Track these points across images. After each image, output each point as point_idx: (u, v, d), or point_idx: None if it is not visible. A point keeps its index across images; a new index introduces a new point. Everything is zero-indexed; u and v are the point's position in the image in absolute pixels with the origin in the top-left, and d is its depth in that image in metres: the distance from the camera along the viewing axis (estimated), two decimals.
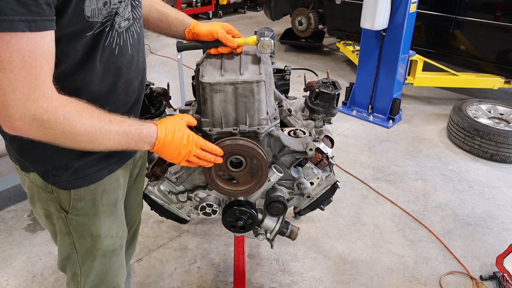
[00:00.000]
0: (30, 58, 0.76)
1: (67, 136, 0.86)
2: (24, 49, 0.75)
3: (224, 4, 8.12)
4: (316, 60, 5.55)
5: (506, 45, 3.76)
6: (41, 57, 0.78)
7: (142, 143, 0.99)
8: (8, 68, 0.75)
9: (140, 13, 1.07)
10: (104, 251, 1.18)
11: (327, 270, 2.17)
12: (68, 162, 1.01)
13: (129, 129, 0.95)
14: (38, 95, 0.79)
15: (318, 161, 1.37)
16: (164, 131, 1.02)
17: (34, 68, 0.77)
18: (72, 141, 0.88)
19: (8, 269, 2.15)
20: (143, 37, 1.13)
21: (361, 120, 3.86)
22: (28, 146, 0.99)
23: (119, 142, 0.94)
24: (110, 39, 0.95)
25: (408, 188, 2.86)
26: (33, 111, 0.79)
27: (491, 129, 3.09)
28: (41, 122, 0.81)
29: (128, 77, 1.05)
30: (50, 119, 0.82)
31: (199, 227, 2.47)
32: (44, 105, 0.80)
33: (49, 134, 0.84)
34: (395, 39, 3.50)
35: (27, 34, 0.74)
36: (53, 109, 0.82)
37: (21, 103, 0.78)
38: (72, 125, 0.85)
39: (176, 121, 1.07)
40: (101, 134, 0.90)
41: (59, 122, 0.83)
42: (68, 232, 1.13)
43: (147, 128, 1.00)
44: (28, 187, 1.11)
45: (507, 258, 1.99)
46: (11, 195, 2.71)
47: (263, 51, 1.18)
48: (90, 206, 1.10)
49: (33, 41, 0.76)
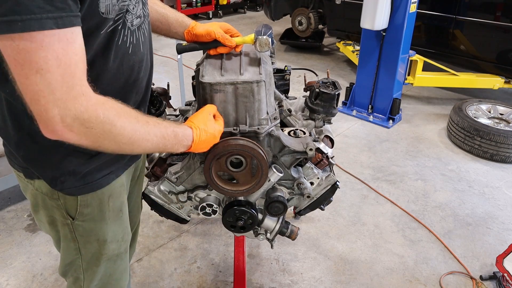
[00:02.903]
0: (64, 56, 0.74)
1: (108, 136, 0.83)
2: (57, 47, 0.72)
3: (224, 4, 8.12)
4: (316, 60, 5.55)
5: (506, 45, 3.76)
6: (74, 53, 0.76)
7: (178, 145, 0.99)
8: (45, 68, 0.72)
9: (148, 10, 1.06)
10: (109, 255, 1.17)
11: (327, 270, 2.17)
12: (76, 168, 1.00)
13: (165, 132, 0.94)
14: (76, 94, 0.76)
15: (318, 161, 1.37)
16: (198, 132, 1.03)
17: (69, 66, 0.75)
18: (112, 142, 0.84)
19: (8, 269, 2.15)
20: (151, 35, 1.13)
21: (361, 120, 3.86)
22: (34, 152, 0.97)
23: (156, 144, 0.93)
24: (123, 38, 0.94)
25: (408, 188, 2.86)
26: (73, 110, 0.76)
27: (491, 129, 3.09)
28: (82, 121, 0.78)
29: (139, 75, 1.04)
30: (91, 118, 0.79)
31: (199, 227, 2.47)
32: (84, 103, 0.78)
33: (91, 134, 0.81)
34: (395, 39, 3.50)
35: (58, 32, 0.72)
36: (92, 107, 0.79)
37: (61, 103, 0.75)
38: (112, 124, 0.82)
39: (205, 117, 1.07)
40: (140, 135, 0.88)
41: (99, 120, 0.80)
42: (73, 238, 1.11)
43: (182, 131, 1.00)
44: (32, 195, 1.08)
45: (507, 258, 1.99)
46: (11, 195, 2.71)
47: (260, 49, 1.17)
48: (97, 211, 1.08)
49: (65, 38, 0.73)
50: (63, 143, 0.90)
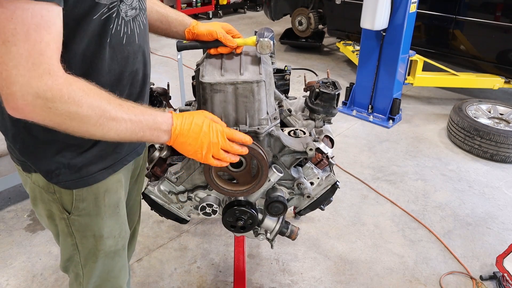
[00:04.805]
0: (35, 32, 0.72)
1: (73, 117, 0.80)
2: (29, 22, 0.71)
3: (224, 4, 8.12)
4: (316, 60, 5.55)
5: (506, 45, 3.76)
6: (47, 32, 0.74)
7: (158, 131, 0.92)
8: (11, 41, 0.71)
9: (145, 4, 1.07)
10: (106, 251, 1.17)
11: (327, 270, 2.17)
12: (70, 161, 1.01)
13: (142, 115, 0.89)
14: (42, 72, 0.75)
15: (318, 161, 1.37)
16: (181, 118, 0.95)
17: (39, 43, 0.73)
18: (79, 123, 0.81)
19: (8, 269, 2.15)
20: (148, 29, 1.12)
21: (361, 120, 3.86)
22: (30, 145, 0.99)
23: (132, 129, 0.88)
24: (117, 27, 0.94)
25: (408, 188, 2.86)
26: (36, 88, 0.75)
27: (491, 129, 3.09)
28: (44, 100, 0.76)
29: (134, 67, 1.04)
30: (54, 97, 0.77)
31: (199, 227, 2.47)
32: (48, 82, 0.76)
33: (54, 115, 0.79)
34: (395, 39, 3.50)
35: (32, 5, 0.71)
36: (57, 86, 0.77)
37: (24, 79, 0.74)
38: (78, 105, 0.79)
39: (195, 111, 1.01)
40: (110, 118, 0.84)
41: (63, 100, 0.78)
42: (70, 233, 1.12)
43: (161, 115, 0.93)
44: (30, 188, 1.10)
45: (507, 258, 1.99)
46: (11, 195, 2.71)
47: (262, 52, 1.18)
48: (92, 206, 1.09)
49: (39, 14, 0.72)
50: (57, 135, 0.90)
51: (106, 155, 1.06)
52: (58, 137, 0.96)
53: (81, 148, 1.01)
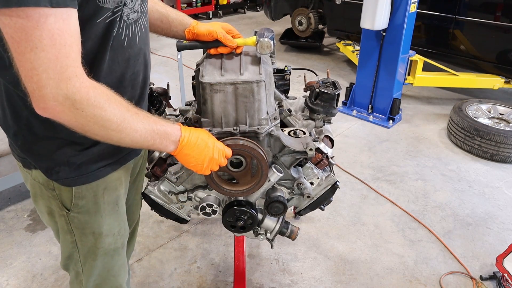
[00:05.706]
0: (59, 36, 0.76)
1: (97, 120, 0.84)
2: (53, 27, 0.75)
3: (224, 4, 8.12)
4: (316, 60, 5.55)
5: (506, 45, 3.76)
6: (69, 35, 0.78)
7: (167, 140, 0.98)
8: (39, 47, 0.75)
9: (147, 7, 1.08)
10: (105, 249, 1.18)
11: (327, 270, 2.17)
12: (70, 159, 1.02)
13: (155, 125, 0.95)
14: (70, 74, 0.79)
15: (318, 161, 1.37)
16: (188, 132, 1.02)
17: (64, 47, 0.77)
18: (101, 127, 0.86)
19: (8, 269, 2.15)
20: (149, 32, 1.13)
21: (361, 120, 3.86)
22: (31, 142, 1.00)
23: (145, 137, 0.93)
24: (119, 30, 0.95)
25: (408, 188, 2.86)
26: (65, 90, 0.79)
27: (491, 129, 3.09)
28: (73, 102, 0.80)
29: (135, 69, 1.05)
30: (82, 100, 0.81)
31: (199, 227, 2.47)
32: (76, 84, 0.80)
33: (80, 117, 0.83)
34: (395, 39, 3.50)
35: (53, 11, 0.74)
36: (85, 89, 0.81)
37: (54, 82, 0.78)
38: (102, 109, 0.84)
39: (200, 129, 1.08)
40: (129, 124, 0.89)
41: (90, 103, 0.82)
42: (70, 230, 1.13)
43: (171, 126, 1.00)
44: (31, 185, 1.11)
45: (507, 258, 1.99)
46: (11, 195, 2.71)
47: (262, 52, 1.18)
48: (91, 204, 1.10)
49: (61, 19, 0.76)
50: (58, 133, 0.94)
51: (106, 154, 1.07)
52: (59, 135, 0.97)
53: (82, 146, 1.02)
